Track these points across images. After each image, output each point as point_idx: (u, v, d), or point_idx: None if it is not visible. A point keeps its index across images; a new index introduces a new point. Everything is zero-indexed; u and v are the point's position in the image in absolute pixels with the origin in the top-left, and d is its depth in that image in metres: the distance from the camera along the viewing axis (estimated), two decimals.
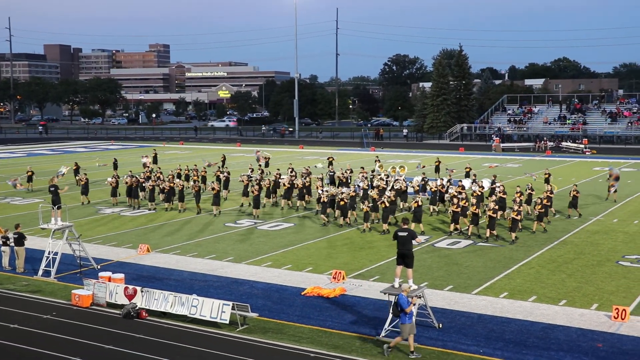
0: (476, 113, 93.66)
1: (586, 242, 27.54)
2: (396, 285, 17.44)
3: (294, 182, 36.94)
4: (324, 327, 17.96)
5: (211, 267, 24.19)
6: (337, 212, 31.98)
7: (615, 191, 37.39)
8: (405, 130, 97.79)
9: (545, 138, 77.02)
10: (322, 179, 38.82)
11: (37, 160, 65.61)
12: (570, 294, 20.66)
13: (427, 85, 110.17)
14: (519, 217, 27.83)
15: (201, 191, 36.25)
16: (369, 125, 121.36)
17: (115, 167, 47.81)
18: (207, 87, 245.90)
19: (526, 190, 33.15)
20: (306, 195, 37.05)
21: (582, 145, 71.43)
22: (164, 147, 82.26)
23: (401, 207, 34.95)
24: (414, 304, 16.25)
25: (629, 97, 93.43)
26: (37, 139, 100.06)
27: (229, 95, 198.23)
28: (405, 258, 17.56)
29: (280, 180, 38.10)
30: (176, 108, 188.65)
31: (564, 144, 73.95)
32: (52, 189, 32.23)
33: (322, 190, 33.16)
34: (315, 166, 45.71)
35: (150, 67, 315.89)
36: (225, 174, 40.60)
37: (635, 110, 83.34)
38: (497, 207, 28.57)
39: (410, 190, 36.24)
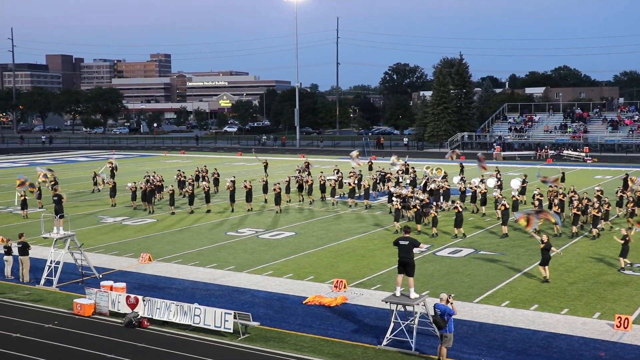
0: (477, 122, 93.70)
1: (588, 250, 27.52)
2: (397, 293, 17.42)
3: (361, 183, 41.09)
4: (326, 336, 17.95)
5: (212, 276, 24.19)
6: (408, 213, 33.85)
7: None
8: (405, 139, 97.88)
9: (546, 146, 77.05)
10: (375, 181, 42.58)
11: None
12: (573, 302, 20.64)
13: (428, 93, 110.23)
14: (599, 214, 29.46)
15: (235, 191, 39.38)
16: (370, 133, 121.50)
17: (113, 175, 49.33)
18: (208, 96, 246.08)
19: (617, 192, 35.94)
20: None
21: (583, 154, 71.44)
22: (166, 156, 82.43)
23: (443, 207, 36.40)
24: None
25: (630, 105, 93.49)
26: (39, 148, 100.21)
27: (230, 104, 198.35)
28: (406, 266, 17.54)
29: (328, 180, 42.48)
30: (177, 117, 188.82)
31: (565, 152, 73.97)
32: (55, 198, 32.37)
33: (395, 198, 33.82)
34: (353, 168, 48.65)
35: (152, 76, 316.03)
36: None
37: (636, 119, 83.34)
38: (582, 205, 31.07)
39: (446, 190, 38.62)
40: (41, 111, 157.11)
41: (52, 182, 44.21)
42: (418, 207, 31.65)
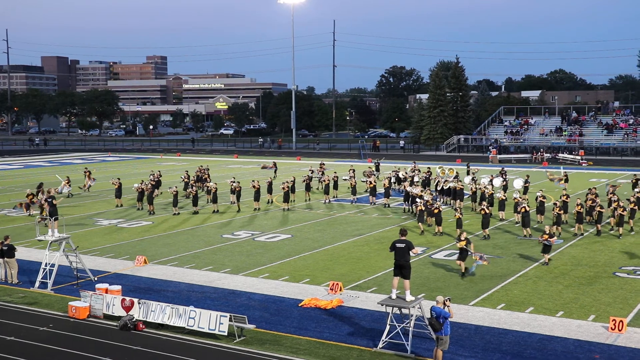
0: (473, 124, 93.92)
1: (583, 254, 27.58)
2: (393, 296, 17.43)
3: (381, 182, 42.75)
4: (321, 339, 17.94)
5: (208, 279, 24.16)
6: (430, 218, 33.19)
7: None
8: (401, 142, 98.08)
9: (541, 149, 77.21)
10: (390, 180, 42.64)
11: (34, 172, 65.55)
12: (568, 305, 20.68)
13: (424, 96, 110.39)
14: (624, 213, 30.68)
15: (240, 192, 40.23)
16: (366, 136, 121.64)
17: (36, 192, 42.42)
18: (204, 98, 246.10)
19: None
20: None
21: (579, 157, 71.61)
22: (162, 158, 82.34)
23: (457, 206, 36.39)
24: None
25: (625, 108, 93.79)
26: (34, 150, 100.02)
27: (226, 106, 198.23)
28: (402, 269, 17.55)
29: (343, 180, 45.13)
30: (173, 120, 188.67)
31: (560, 155, 74.12)
32: (49, 200, 32.28)
33: (419, 200, 33.73)
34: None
35: (148, 78, 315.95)
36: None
37: (631, 122, 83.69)
38: (636, 206, 32.26)
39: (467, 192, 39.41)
40: (36, 113, 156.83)
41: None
42: (440, 209, 31.75)
